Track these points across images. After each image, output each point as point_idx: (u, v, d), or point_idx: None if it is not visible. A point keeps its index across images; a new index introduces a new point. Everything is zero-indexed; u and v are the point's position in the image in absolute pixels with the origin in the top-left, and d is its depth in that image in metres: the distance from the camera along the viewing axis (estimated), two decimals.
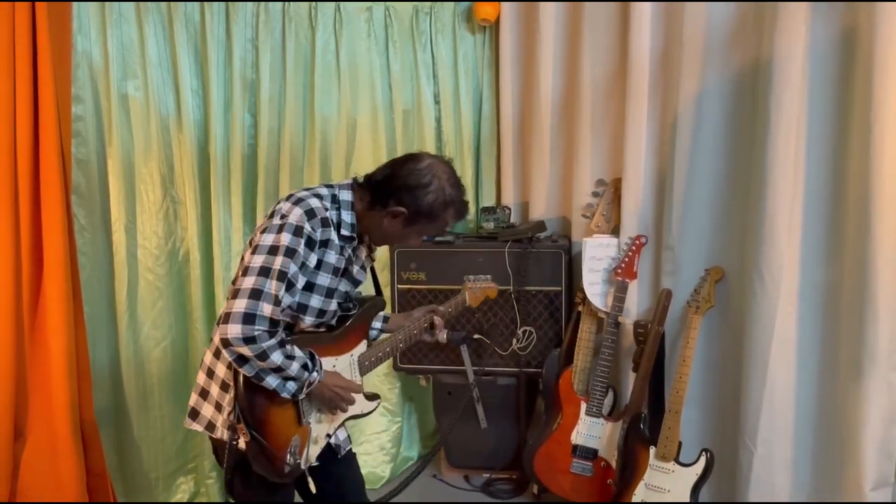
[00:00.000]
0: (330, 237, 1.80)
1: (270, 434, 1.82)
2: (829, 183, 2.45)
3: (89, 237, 2.78)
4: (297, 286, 1.76)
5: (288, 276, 1.70)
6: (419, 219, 1.85)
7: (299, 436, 1.88)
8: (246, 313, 1.64)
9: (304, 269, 1.76)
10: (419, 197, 1.82)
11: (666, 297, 2.76)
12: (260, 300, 1.66)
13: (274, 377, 1.75)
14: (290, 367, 1.75)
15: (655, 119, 2.87)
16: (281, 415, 1.85)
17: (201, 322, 2.99)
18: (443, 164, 1.87)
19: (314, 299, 1.85)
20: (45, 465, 2.61)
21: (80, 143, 2.72)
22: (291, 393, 1.80)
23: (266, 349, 1.68)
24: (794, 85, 2.41)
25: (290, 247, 1.71)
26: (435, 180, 1.82)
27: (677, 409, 2.65)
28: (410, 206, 1.83)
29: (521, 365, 3.19)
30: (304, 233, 1.73)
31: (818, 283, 2.51)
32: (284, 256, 1.70)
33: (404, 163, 1.86)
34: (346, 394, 1.94)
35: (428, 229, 1.92)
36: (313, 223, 1.75)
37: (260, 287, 1.67)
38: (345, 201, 1.87)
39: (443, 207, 1.85)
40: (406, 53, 3.39)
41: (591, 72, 3.10)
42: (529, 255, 3.11)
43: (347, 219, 1.86)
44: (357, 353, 2.04)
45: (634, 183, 2.89)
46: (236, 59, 2.94)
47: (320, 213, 1.77)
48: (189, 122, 2.88)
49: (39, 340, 2.58)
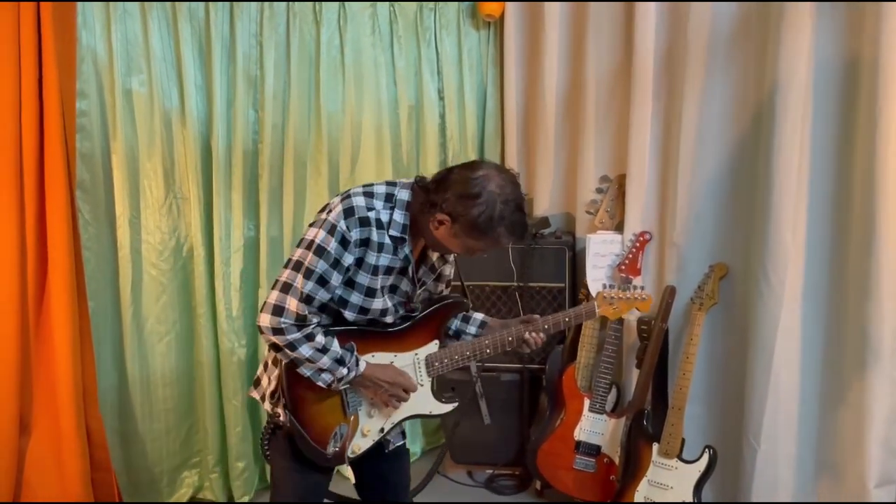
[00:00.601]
0: (370, 237, 1.75)
1: (311, 417, 1.89)
2: (833, 180, 2.45)
3: (94, 232, 2.78)
4: (332, 282, 1.76)
5: (318, 274, 1.74)
6: (464, 232, 1.73)
7: (347, 425, 1.92)
8: (275, 305, 1.75)
9: (338, 267, 1.75)
10: (464, 207, 1.68)
11: (670, 294, 2.76)
12: (288, 294, 1.75)
13: (307, 367, 1.81)
14: (319, 360, 1.79)
15: (660, 115, 2.86)
16: (324, 401, 1.91)
17: (205, 317, 2.99)
18: (501, 177, 1.72)
19: (354, 296, 1.83)
20: (50, 458, 2.63)
21: (85, 138, 2.72)
22: (327, 383, 1.84)
23: (293, 341, 1.76)
24: (799, 82, 2.40)
25: (320, 245, 1.73)
26: (485, 193, 1.68)
27: (680, 406, 2.64)
28: (454, 216, 1.71)
29: (524, 361, 3.19)
30: (338, 231, 1.73)
31: (822, 281, 2.50)
32: (314, 254, 1.74)
33: (460, 168, 1.75)
34: (395, 389, 1.92)
35: (476, 245, 1.77)
36: (349, 222, 1.73)
37: (290, 281, 1.75)
38: (400, 200, 1.80)
39: (489, 224, 1.69)
40: (410, 50, 3.38)
41: (595, 69, 3.10)
42: (533, 252, 3.10)
43: (399, 219, 1.79)
44: (424, 353, 2.00)
45: (638, 179, 2.88)
46: (240, 55, 2.93)
47: (360, 212, 1.74)
48: (193, 117, 2.88)
49: (44, 335, 2.60)
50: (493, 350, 2.02)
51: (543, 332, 2.03)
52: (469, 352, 2.02)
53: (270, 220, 3.09)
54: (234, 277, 3.03)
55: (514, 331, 2.02)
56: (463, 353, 2.02)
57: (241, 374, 3.06)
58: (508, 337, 2.01)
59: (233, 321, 3.02)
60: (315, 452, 1.90)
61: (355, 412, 1.95)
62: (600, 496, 2.93)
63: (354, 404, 1.94)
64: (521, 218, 1.73)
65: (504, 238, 1.73)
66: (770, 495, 2.60)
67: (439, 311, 2.02)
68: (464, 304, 2.07)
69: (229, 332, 3.01)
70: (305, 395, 1.88)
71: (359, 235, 1.74)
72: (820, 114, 2.42)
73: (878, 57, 2.22)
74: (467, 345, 2.03)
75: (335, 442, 1.90)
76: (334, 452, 1.91)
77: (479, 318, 2.14)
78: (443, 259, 1.99)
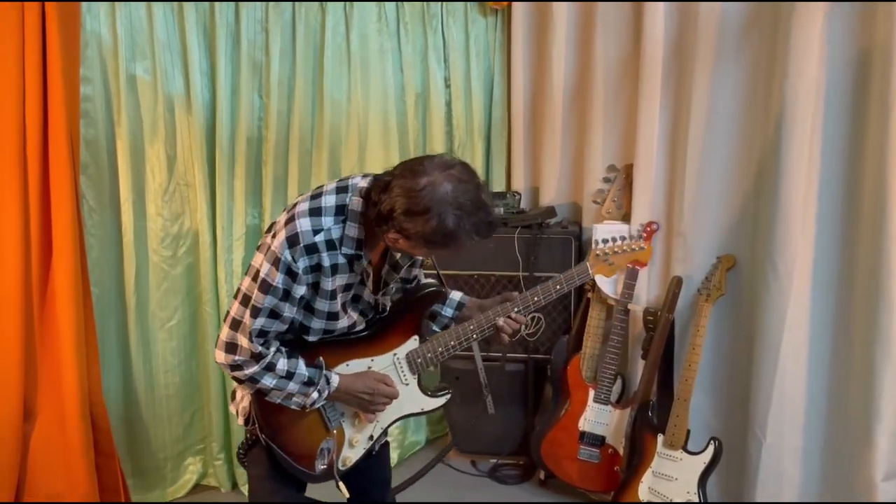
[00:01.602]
0: (321, 262, 1.61)
1: (292, 439, 1.82)
2: (844, 171, 2.42)
3: (98, 218, 2.77)
4: (286, 314, 1.66)
5: (267, 309, 1.63)
6: (424, 245, 1.58)
7: (332, 439, 1.85)
8: (227, 343, 1.68)
9: (289, 298, 1.63)
10: (415, 225, 1.52)
11: (676, 285, 2.75)
12: (237, 331, 1.67)
13: (274, 395, 1.75)
14: (286, 386, 1.72)
15: (668, 104, 2.83)
16: (303, 420, 1.82)
17: (210, 304, 2.98)
18: (448, 178, 1.52)
19: (315, 322, 1.74)
20: (55, 444, 2.63)
21: (89, 124, 2.70)
22: (300, 406, 1.77)
23: (253, 374, 1.69)
24: (810, 73, 2.37)
25: (265, 280, 1.61)
26: (434, 205, 1.50)
27: (686, 398, 2.63)
28: (407, 235, 1.56)
29: (529, 351, 3.19)
30: (283, 263, 1.59)
31: (831, 273, 2.48)
32: (259, 290, 1.62)
33: (401, 176, 1.55)
34: (375, 398, 1.83)
35: (439, 252, 1.64)
36: (293, 252, 1.59)
37: (239, 317, 1.67)
38: (352, 212, 1.64)
39: (446, 235, 1.53)
40: (417, 37, 3.35)
41: (603, 56, 3.07)
42: (539, 242, 3.09)
43: (352, 233, 1.64)
44: (403, 351, 1.90)
45: (646, 169, 2.86)
46: (245, 41, 2.91)
47: (305, 239, 1.59)
48: (198, 103, 2.86)
49: (48, 321, 2.59)
50: (480, 335, 1.89)
51: (534, 305, 1.88)
52: (454, 341, 1.89)
53: (274, 208, 3.07)
54: (236, 265, 3.01)
55: (499, 309, 1.88)
56: (447, 344, 1.90)
57: None
58: (494, 319, 1.87)
59: None
60: (302, 473, 1.84)
61: (339, 425, 1.87)
62: (604, 487, 2.92)
63: (336, 418, 1.87)
64: (482, 217, 1.55)
65: (467, 241, 1.57)
66: (775, 488, 2.59)
67: (413, 306, 1.91)
68: (441, 294, 1.94)
69: None
70: (281, 419, 1.80)
71: (307, 263, 1.60)
72: (831, 105, 2.39)
73: (891, 48, 2.19)
74: (451, 333, 1.90)
75: (322, 459, 1.83)
76: (322, 470, 1.84)
77: (455, 298, 2.02)
78: (407, 256, 1.83)
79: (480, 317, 1.89)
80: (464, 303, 2.03)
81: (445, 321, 2.02)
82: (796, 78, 2.38)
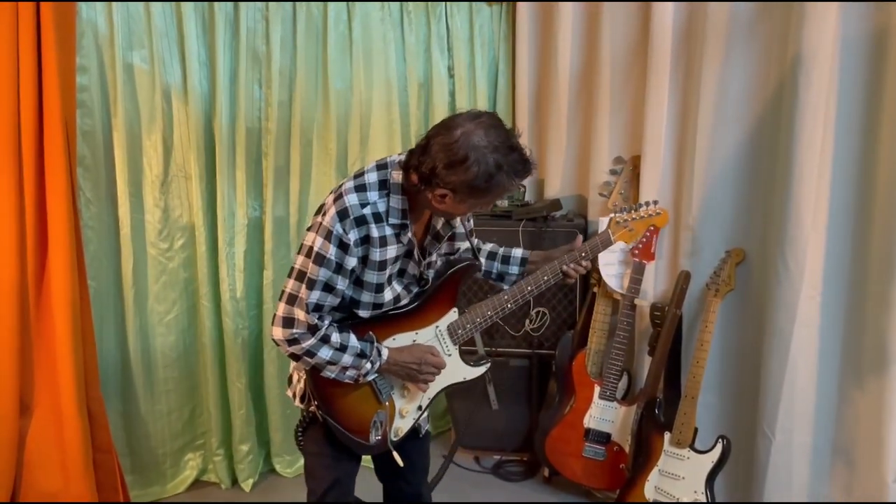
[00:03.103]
0: (370, 233, 1.72)
1: (346, 412, 1.90)
2: (858, 162, 2.37)
3: (95, 211, 2.73)
4: (339, 287, 1.75)
5: (321, 282, 1.73)
6: (469, 196, 1.66)
7: (384, 411, 1.94)
8: (284, 317, 1.76)
9: (342, 271, 1.73)
10: (458, 175, 1.61)
11: (684, 280, 2.71)
12: (294, 305, 1.75)
13: (329, 369, 1.82)
14: (340, 359, 1.80)
15: (677, 94, 2.79)
16: (356, 394, 1.91)
17: (208, 298, 2.94)
18: (479, 126, 1.63)
19: (365, 295, 1.82)
20: (51, 439, 2.61)
21: (86, 115, 2.65)
22: (353, 379, 1.85)
23: (310, 347, 1.77)
24: (824, 62, 2.31)
25: (319, 252, 1.71)
26: (472, 152, 1.60)
27: (694, 395, 2.59)
28: (454, 188, 1.64)
29: (533, 346, 3.14)
30: (335, 236, 1.69)
31: (843, 267, 2.43)
32: (314, 263, 1.72)
33: (436, 135, 1.66)
34: (424, 368, 1.91)
35: (486, 202, 1.73)
36: (345, 224, 1.69)
37: (295, 292, 1.76)
38: (394, 184, 1.75)
39: (489, 180, 1.62)
40: (420, 25, 3.30)
41: (610, 45, 3.02)
42: (544, 235, 3.03)
43: (397, 205, 1.75)
44: (445, 323, 1.99)
45: (654, 160, 2.82)
46: (245, 29, 2.85)
47: (355, 212, 1.69)
48: (196, 94, 2.81)
49: (44, 315, 2.56)
50: (515, 303, 1.98)
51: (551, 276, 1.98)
52: (490, 311, 1.99)
53: (276, 200, 3.03)
54: (237, 258, 2.98)
55: (547, 268, 1.98)
56: (484, 314, 1.99)
57: (244, 356, 3.03)
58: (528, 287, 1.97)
59: (237, 302, 2.98)
60: (357, 445, 1.93)
61: (389, 397, 1.96)
62: (609, 485, 2.89)
63: (386, 390, 1.95)
64: (518, 156, 1.65)
65: (511, 184, 1.67)
66: (785, 488, 2.55)
67: (450, 278, 1.98)
68: (474, 266, 2.02)
69: (233, 314, 2.97)
70: (335, 393, 1.89)
71: (357, 235, 1.71)
72: (845, 96, 2.33)
73: None
74: (487, 303, 1.99)
75: (376, 430, 1.93)
76: (377, 441, 1.93)
77: (517, 255, 2.11)
78: (449, 224, 1.93)
79: (521, 282, 1.99)
80: (526, 258, 2.11)
81: (513, 279, 2.10)
82: (809, 62, 2.32)
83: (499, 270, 2.11)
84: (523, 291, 1.98)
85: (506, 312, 2.00)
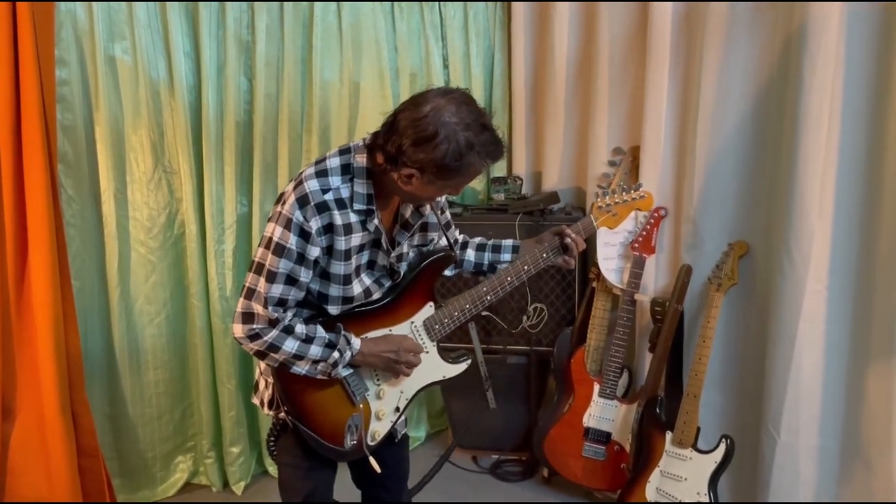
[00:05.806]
0: (333, 221, 1.63)
1: (319, 418, 1.82)
2: (864, 150, 2.29)
3: (78, 208, 2.65)
4: (303, 279, 1.66)
5: (283, 274, 1.64)
6: (437, 177, 1.57)
7: (358, 414, 1.85)
8: (243, 313, 1.68)
9: (304, 262, 1.64)
10: (426, 153, 1.52)
11: (686, 274, 2.65)
12: (252, 300, 1.67)
13: (298, 365, 1.73)
14: (308, 351, 1.71)
15: (677, 82, 2.74)
16: (327, 397, 1.82)
17: (198, 297, 2.87)
18: (450, 101, 1.54)
19: (332, 288, 1.73)
20: (35, 443, 2.55)
21: (66, 109, 2.57)
22: (325, 374, 1.75)
23: (273, 341, 1.68)
24: (829, 47, 2.24)
25: (279, 243, 1.62)
26: (442, 129, 1.51)
27: (696, 393, 2.53)
28: (421, 166, 1.55)
29: (531, 343, 3.08)
30: (294, 224, 1.60)
31: (850, 261, 2.37)
32: (273, 255, 1.63)
33: (405, 110, 1.57)
34: (402, 354, 1.82)
35: (455, 184, 1.64)
36: (305, 212, 1.60)
37: (253, 286, 1.67)
38: (358, 168, 1.65)
39: (458, 157, 1.53)
40: (413, 13, 3.23)
41: (609, 33, 2.97)
42: (542, 228, 2.96)
43: (361, 189, 1.65)
44: (420, 318, 1.90)
45: (653, 151, 2.78)
46: (230, 19, 2.77)
47: (315, 198, 1.61)
48: (181, 86, 2.73)
49: (26, 317, 2.49)
50: (496, 294, 1.91)
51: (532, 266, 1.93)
52: (469, 304, 1.90)
53: (265, 195, 2.95)
54: (227, 256, 2.91)
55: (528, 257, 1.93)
56: (462, 307, 1.91)
57: (235, 358, 2.96)
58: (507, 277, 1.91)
59: (226, 301, 2.91)
60: (332, 451, 1.85)
61: (364, 399, 1.87)
62: (610, 485, 2.82)
63: (360, 391, 1.86)
64: (489, 136, 1.57)
65: (480, 164, 1.58)
66: (790, 489, 2.49)
67: (425, 271, 1.89)
68: (451, 258, 1.93)
69: (223, 314, 2.90)
70: (305, 397, 1.81)
71: (319, 224, 1.62)
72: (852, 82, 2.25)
73: None
74: (465, 296, 1.91)
75: (351, 435, 1.84)
76: (352, 446, 1.84)
77: (508, 244, 2.04)
78: (418, 213, 1.83)
79: (501, 273, 1.92)
80: (518, 246, 2.04)
81: (504, 266, 2.01)
82: (815, 47, 2.24)
83: (490, 260, 2.04)
84: (503, 283, 1.90)
85: (486, 305, 1.92)
